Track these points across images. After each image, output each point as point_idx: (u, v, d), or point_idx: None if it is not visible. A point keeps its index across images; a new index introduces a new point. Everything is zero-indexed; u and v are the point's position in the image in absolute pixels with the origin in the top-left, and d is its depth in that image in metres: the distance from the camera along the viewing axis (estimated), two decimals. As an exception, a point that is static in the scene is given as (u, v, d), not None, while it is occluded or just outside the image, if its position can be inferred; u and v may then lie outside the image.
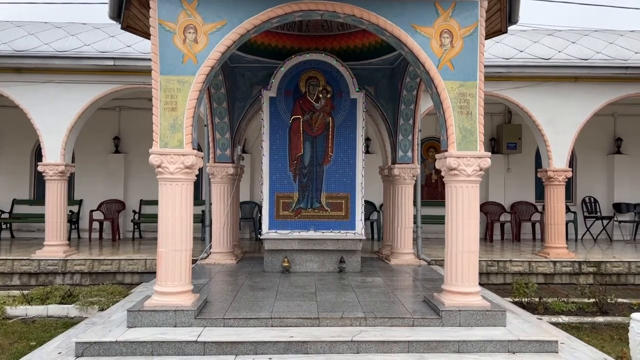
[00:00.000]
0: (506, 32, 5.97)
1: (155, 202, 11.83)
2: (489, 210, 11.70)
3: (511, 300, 7.08)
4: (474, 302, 4.93)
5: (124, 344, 4.33)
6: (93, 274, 8.48)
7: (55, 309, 6.61)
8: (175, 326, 4.68)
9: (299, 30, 7.57)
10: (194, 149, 5.00)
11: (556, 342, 4.49)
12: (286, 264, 7.03)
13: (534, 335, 4.59)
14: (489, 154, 5.10)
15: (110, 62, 8.42)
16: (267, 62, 7.77)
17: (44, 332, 5.86)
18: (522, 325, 4.94)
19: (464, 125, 5.04)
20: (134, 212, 11.46)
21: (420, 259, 8.27)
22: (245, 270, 7.36)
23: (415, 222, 8.48)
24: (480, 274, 6.88)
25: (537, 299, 6.82)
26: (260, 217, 7.31)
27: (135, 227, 11.43)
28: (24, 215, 11.26)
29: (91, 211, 11.00)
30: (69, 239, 10.95)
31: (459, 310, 4.80)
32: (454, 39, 5.04)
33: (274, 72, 7.28)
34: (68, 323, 6.19)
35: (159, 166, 4.94)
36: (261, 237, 7.17)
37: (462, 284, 4.99)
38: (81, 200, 11.69)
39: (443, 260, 8.84)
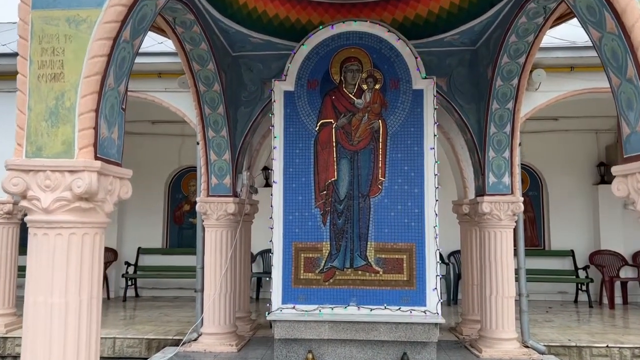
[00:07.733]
0: None
1: (156, 251, 9.37)
2: (603, 263, 8.41)
3: None
4: None
5: None
6: None
7: None
8: None
9: (330, -4, 5.01)
10: (98, 158, 2.41)
11: None
12: (310, 364, 4.19)
13: None
14: None
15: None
16: (284, 45, 5.20)
17: None
18: None
19: (695, 94, 2.19)
20: (127, 264, 8.93)
21: (528, 346, 5.21)
22: (247, 368, 4.57)
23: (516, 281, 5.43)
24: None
25: None
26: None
27: (129, 282, 8.88)
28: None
29: (74, 263, 8.57)
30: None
31: None
32: None
33: (292, 52, 4.69)
34: None
35: (24, 197, 2.37)
36: (268, 318, 4.35)
37: None
38: (66, 248, 9.34)
39: (560, 346, 5.82)
